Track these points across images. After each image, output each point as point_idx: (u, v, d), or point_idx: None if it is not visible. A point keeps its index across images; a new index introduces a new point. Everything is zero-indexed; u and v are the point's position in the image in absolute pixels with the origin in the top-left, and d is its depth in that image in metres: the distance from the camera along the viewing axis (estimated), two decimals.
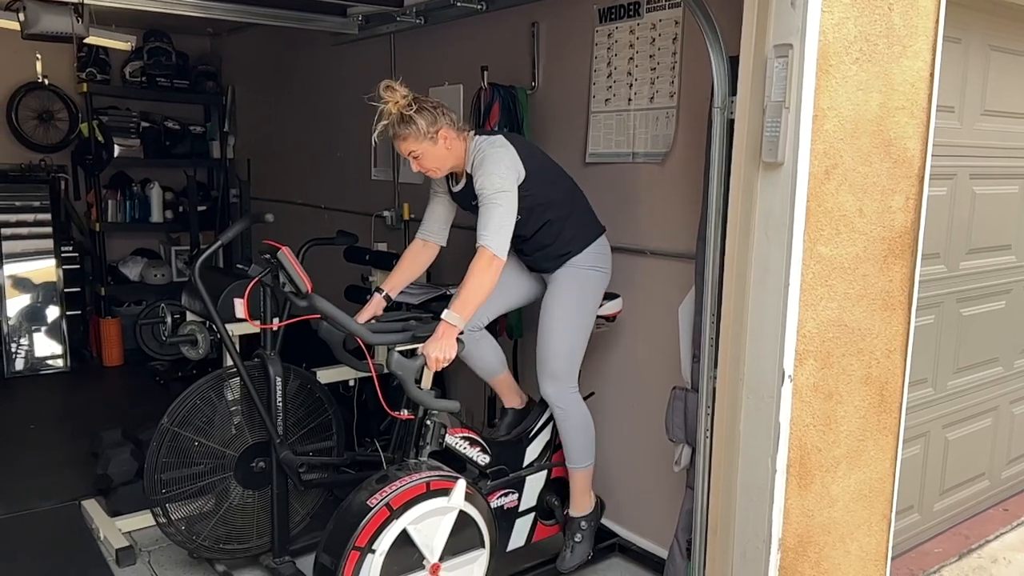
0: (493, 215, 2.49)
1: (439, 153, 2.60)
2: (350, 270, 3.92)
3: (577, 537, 2.94)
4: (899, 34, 2.34)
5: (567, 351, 2.80)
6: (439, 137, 2.56)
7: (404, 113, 2.51)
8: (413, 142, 2.56)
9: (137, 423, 3.74)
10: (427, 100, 2.59)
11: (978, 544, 3.37)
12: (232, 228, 2.96)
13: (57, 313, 5.56)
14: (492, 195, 2.51)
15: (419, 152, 2.58)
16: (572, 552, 2.94)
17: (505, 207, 2.51)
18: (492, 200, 2.51)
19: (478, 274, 2.46)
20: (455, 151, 2.63)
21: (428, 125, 2.53)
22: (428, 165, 2.63)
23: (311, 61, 5.11)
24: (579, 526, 2.94)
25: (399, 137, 2.56)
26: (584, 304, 2.83)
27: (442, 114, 2.57)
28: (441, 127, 2.56)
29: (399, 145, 2.59)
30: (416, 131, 2.53)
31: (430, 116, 2.54)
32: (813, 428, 2.38)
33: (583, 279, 2.81)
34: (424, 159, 2.60)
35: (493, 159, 2.56)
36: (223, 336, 2.82)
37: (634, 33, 3.04)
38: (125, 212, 5.94)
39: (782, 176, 2.19)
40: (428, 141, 2.56)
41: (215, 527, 2.88)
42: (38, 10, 3.23)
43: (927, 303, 2.98)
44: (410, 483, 2.39)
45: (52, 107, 5.86)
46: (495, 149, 2.59)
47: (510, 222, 2.52)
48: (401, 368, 2.42)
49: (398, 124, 2.53)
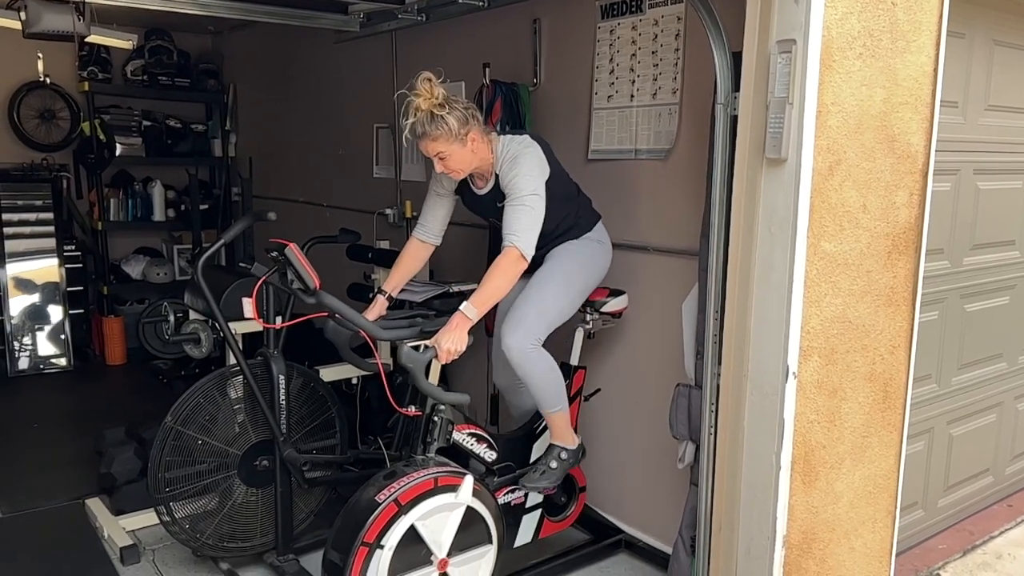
0: (526, 217, 2.49)
1: (466, 155, 2.58)
2: (353, 268, 3.92)
3: (552, 464, 2.83)
4: (903, 29, 2.33)
5: (541, 306, 2.68)
6: (468, 139, 2.54)
7: (435, 112, 2.46)
8: (443, 143, 2.52)
9: (140, 422, 3.74)
10: (458, 100, 2.55)
11: (982, 540, 3.36)
12: (234, 227, 2.95)
13: (60, 312, 5.57)
14: (525, 196, 2.51)
15: (447, 153, 2.54)
16: (541, 475, 2.83)
17: (537, 210, 2.52)
18: (525, 202, 2.50)
19: (502, 272, 2.47)
20: (480, 153, 2.61)
21: (460, 127, 2.50)
22: (454, 167, 2.60)
23: (313, 59, 5.11)
24: (557, 454, 2.85)
25: (428, 136, 2.51)
26: (576, 270, 2.77)
27: (472, 116, 2.55)
28: (471, 129, 2.53)
29: (426, 145, 2.54)
30: (447, 132, 2.49)
31: (461, 117, 2.50)
32: (817, 424, 2.37)
33: (584, 246, 2.80)
34: (450, 160, 2.57)
35: (527, 159, 2.56)
36: (226, 334, 2.82)
37: (636, 29, 3.04)
38: (127, 211, 5.95)
39: (786, 172, 2.18)
40: (458, 143, 2.52)
41: (219, 525, 2.89)
42: (39, 9, 3.23)
43: (931, 299, 2.98)
44: (418, 479, 2.40)
45: (54, 106, 5.86)
46: (527, 149, 2.59)
47: (539, 225, 2.53)
48: (412, 361, 2.42)
49: (428, 123, 2.48)
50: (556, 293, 2.73)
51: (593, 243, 2.84)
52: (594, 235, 2.85)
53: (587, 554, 3.12)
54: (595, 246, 2.84)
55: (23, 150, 5.78)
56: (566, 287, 2.75)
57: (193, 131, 6.27)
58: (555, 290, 2.72)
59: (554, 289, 2.72)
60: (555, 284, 2.73)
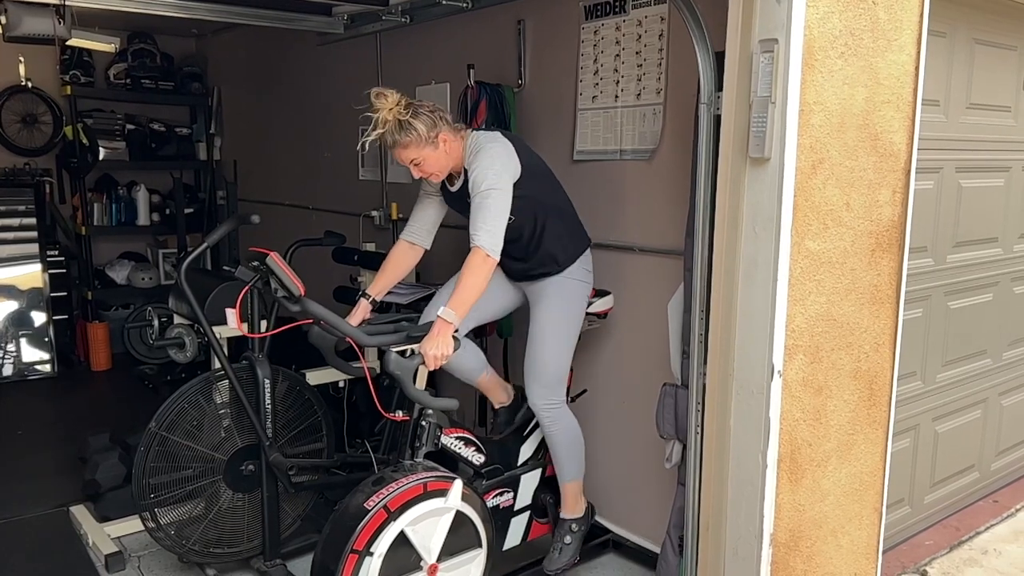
0: (486, 214, 2.44)
1: (440, 157, 2.55)
2: (339, 271, 3.90)
3: (567, 539, 2.91)
4: (884, 28, 2.35)
5: (556, 361, 2.77)
6: (439, 141, 2.52)
7: (401, 120, 2.44)
8: (415, 149, 2.50)
9: (125, 427, 3.71)
10: (421, 103, 2.52)
11: (969, 536, 3.38)
12: (218, 230, 2.93)
13: (44, 318, 5.52)
14: (486, 191, 2.46)
15: (421, 159, 2.53)
16: (559, 553, 2.90)
17: (498, 205, 2.47)
18: (485, 197, 2.45)
19: (471, 273, 2.44)
20: (454, 153, 2.59)
21: (428, 130, 2.48)
22: (430, 170, 2.58)
23: (297, 61, 5.09)
24: (569, 528, 2.93)
25: (399, 145, 2.49)
26: (573, 315, 2.81)
27: (439, 117, 2.52)
28: (440, 130, 2.51)
29: (399, 154, 2.52)
30: (417, 137, 2.47)
31: (428, 120, 2.48)
32: (803, 423, 2.38)
33: (571, 290, 2.79)
34: (426, 165, 2.55)
35: (489, 153, 2.52)
36: (211, 339, 2.80)
37: (620, 30, 3.04)
38: (111, 215, 5.90)
39: (769, 171, 2.19)
40: (430, 146, 2.50)
41: (205, 531, 2.86)
42: (20, 12, 3.21)
43: (915, 296, 2.99)
44: (407, 484, 2.39)
45: (36, 110, 5.81)
46: (492, 144, 2.55)
47: (502, 221, 2.48)
48: (399, 368, 2.40)
49: (397, 132, 2.46)
50: (564, 343, 2.80)
51: (585, 286, 2.84)
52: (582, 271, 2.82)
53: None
54: (584, 289, 2.84)
55: (5, 155, 5.73)
56: (567, 331, 2.81)
57: (177, 134, 6.23)
58: (564, 341, 2.80)
59: (563, 341, 2.79)
60: (560, 334, 2.79)
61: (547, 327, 2.77)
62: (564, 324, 2.79)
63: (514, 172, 2.55)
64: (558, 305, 2.78)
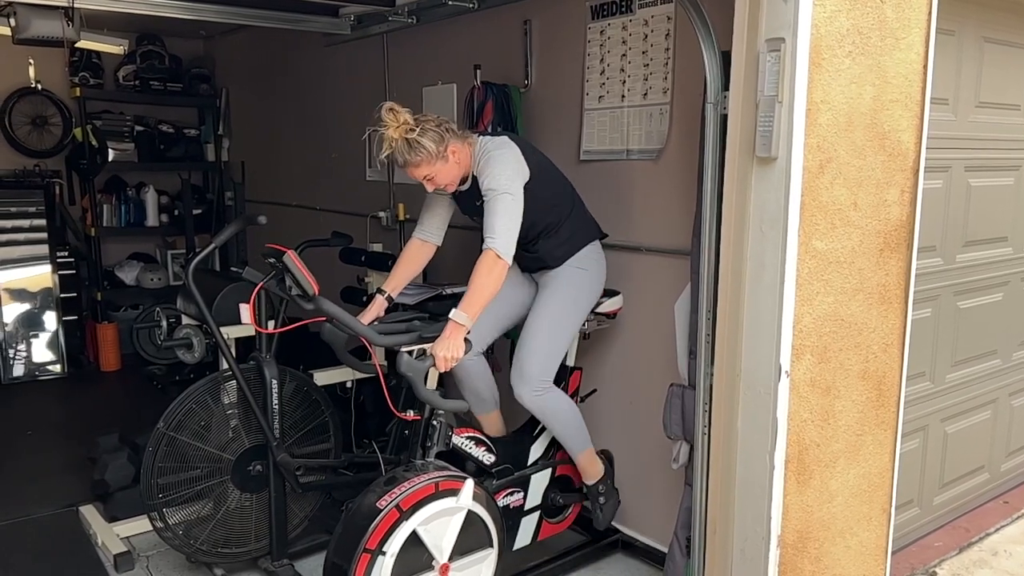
0: (499, 217, 2.47)
1: (451, 169, 2.58)
2: (346, 271, 3.91)
3: (601, 500, 2.98)
4: (892, 27, 2.33)
5: (546, 352, 2.76)
6: (448, 153, 2.53)
7: (409, 138, 2.45)
8: (426, 167, 2.52)
9: (134, 428, 3.73)
10: (428, 118, 2.53)
11: (978, 537, 3.36)
12: (225, 230, 2.93)
13: (54, 319, 5.55)
14: (499, 195, 2.48)
15: (433, 174, 2.55)
16: (602, 512, 2.98)
17: (511, 209, 2.49)
18: (499, 202, 2.48)
19: (483, 275, 2.45)
20: (464, 161, 2.61)
21: (437, 145, 2.49)
22: (442, 182, 2.60)
23: (304, 62, 5.10)
24: (598, 490, 2.97)
25: (410, 165, 2.51)
26: (576, 306, 2.81)
27: (446, 129, 2.53)
28: (449, 143, 2.52)
29: (411, 172, 2.54)
30: (427, 155, 2.48)
31: (436, 135, 2.49)
32: (811, 423, 2.37)
33: (579, 280, 2.80)
34: (438, 178, 2.57)
35: (500, 160, 2.54)
36: (218, 339, 2.81)
37: (627, 29, 3.04)
38: (120, 216, 5.94)
39: (776, 171, 2.18)
40: (440, 161, 2.52)
41: (213, 531, 2.87)
42: (29, 14, 3.23)
43: (924, 296, 2.98)
44: (419, 484, 2.39)
45: (46, 112, 5.85)
46: (501, 150, 2.57)
47: (516, 224, 2.50)
48: (411, 369, 2.42)
49: (407, 152, 2.47)
50: (560, 335, 2.78)
51: (594, 276, 2.84)
52: (592, 260, 2.83)
53: (584, 555, 3.12)
54: (592, 279, 2.84)
55: (15, 156, 5.77)
56: (566, 322, 2.80)
57: (186, 136, 6.26)
58: (560, 332, 2.78)
59: (559, 332, 2.78)
60: (558, 325, 2.78)
61: (545, 317, 2.77)
62: (564, 315, 2.79)
63: (524, 176, 2.58)
64: (561, 293, 2.78)
